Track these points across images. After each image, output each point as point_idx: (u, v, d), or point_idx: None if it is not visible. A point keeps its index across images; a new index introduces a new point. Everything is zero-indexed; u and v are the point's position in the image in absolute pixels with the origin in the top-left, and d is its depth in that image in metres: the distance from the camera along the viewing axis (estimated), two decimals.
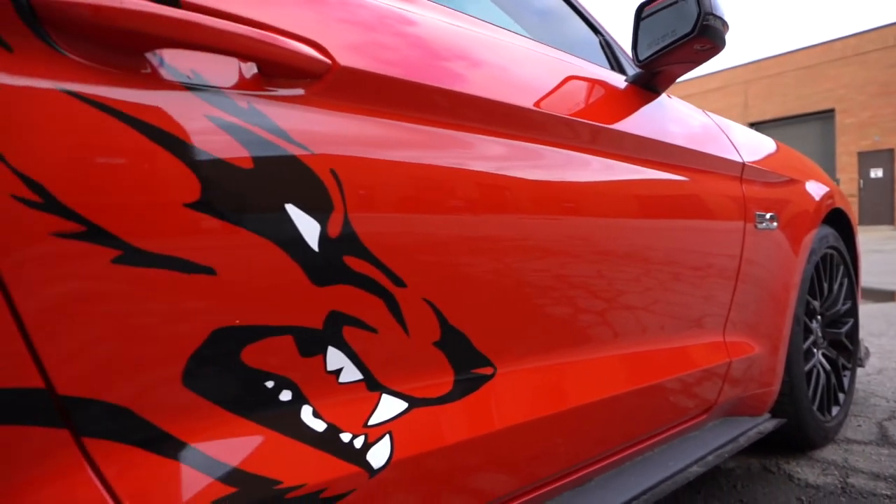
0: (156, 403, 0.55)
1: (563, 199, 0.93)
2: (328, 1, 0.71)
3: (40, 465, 0.49)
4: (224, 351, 0.59)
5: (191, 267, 0.56)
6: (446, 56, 0.82)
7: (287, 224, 0.62)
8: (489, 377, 0.84)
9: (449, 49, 0.83)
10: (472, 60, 0.86)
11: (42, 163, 0.48)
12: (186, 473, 0.56)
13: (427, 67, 0.77)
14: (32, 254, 0.48)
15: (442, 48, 0.82)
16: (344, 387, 0.68)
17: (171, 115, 0.55)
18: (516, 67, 0.94)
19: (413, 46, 0.78)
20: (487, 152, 0.83)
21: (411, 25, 0.80)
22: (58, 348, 0.49)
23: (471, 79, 0.83)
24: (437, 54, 0.80)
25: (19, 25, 0.48)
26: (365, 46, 0.71)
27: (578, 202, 0.97)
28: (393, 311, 0.72)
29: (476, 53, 0.87)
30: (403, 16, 0.80)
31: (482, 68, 0.87)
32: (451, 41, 0.85)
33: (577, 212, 0.96)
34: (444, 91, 0.78)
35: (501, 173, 0.85)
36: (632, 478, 1.16)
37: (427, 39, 0.81)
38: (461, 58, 0.84)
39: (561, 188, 0.94)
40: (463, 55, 0.85)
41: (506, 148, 0.86)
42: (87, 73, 0.51)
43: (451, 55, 0.83)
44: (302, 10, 0.66)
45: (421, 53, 0.78)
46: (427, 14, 0.85)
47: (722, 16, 1.04)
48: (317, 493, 0.64)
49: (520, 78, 0.93)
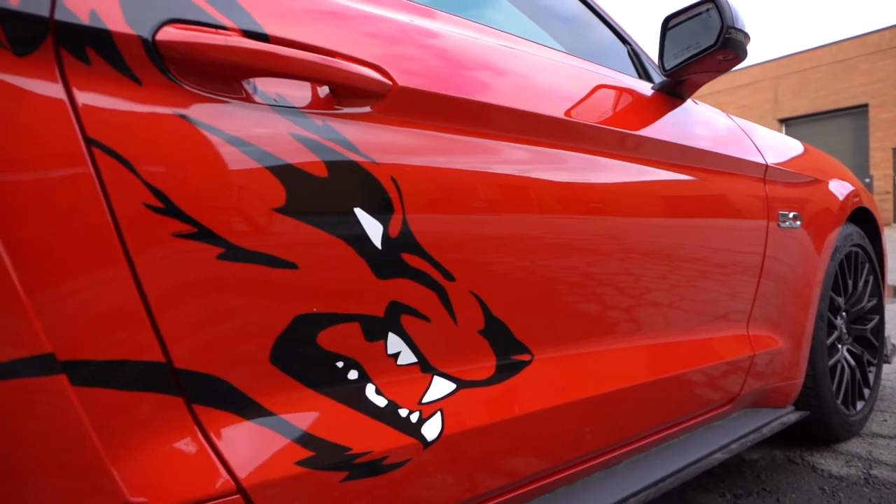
0: (248, 378, 0.65)
1: (596, 202, 1.02)
2: (388, 29, 0.80)
3: (161, 425, 0.59)
4: (303, 334, 0.68)
5: (278, 262, 0.65)
6: (491, 73, 0.91)
7: (355, 225, 0.71)
8: (527, 363, 0.93)
9: (493, 67, 0.92)
10: (514, 77, 0.95)
11: (163, 175, 0.58)
12: (274, 438, 0.66)
13: (474, 84, 0.86)
14: (158, 251, 0.58)
15: (487, 66, 0.91)
16: (401, 368, 0.78)
17: (262, 132, 0.65)
18: (554, 82, 1.03)
19: (461, 66, 0.87)
20: (528, 159, 0.92)
21: (459, 46, 0.89)
22: (175, 329, 0.59)
23: (513, 94, 0.92)
24: (482, 72, 0.89)
25: (147, 64, 0.58)
26: (419, 68, 0.80)
27: (610, 204, 1.05)
28: (444, 302, 0.81)
29: (518, 70, 0.96)
30: (452, 37, 0.89)
31: (523, 84, 0.95)
32: (495, 59, 0.94)
33: (609, 213, 1.04)
34: (490, 105, 0.87)
35: (541, 178, 0.93)
36: (658, 462, 1.24)
37: (473, 58, 0.90)
38: (505, 75, 0.93)
39: (595, 191, 1.02)
40: (506, 72, 0.94)
41: (544, 156, 0.95)
42: (196, 100, 0.61)
43: (495, 72, 0.92)
44: (366, 38, 0.76)
45: (468, 72, 0.87)
46: (473, 35, 0.94)
47: (743, 28, 1.11)
48: (380, 460, 0.74)
49: (557, 91, 1.01)
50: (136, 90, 0.58)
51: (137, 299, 0.57)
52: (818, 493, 1.58)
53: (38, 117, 0.52)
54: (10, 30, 0.51)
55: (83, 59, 0.55)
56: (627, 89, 1.21)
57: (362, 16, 0.79)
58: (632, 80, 1.27)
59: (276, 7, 0.69)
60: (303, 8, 0.72)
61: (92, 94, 0.55)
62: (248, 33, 0.65)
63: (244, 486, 0.62)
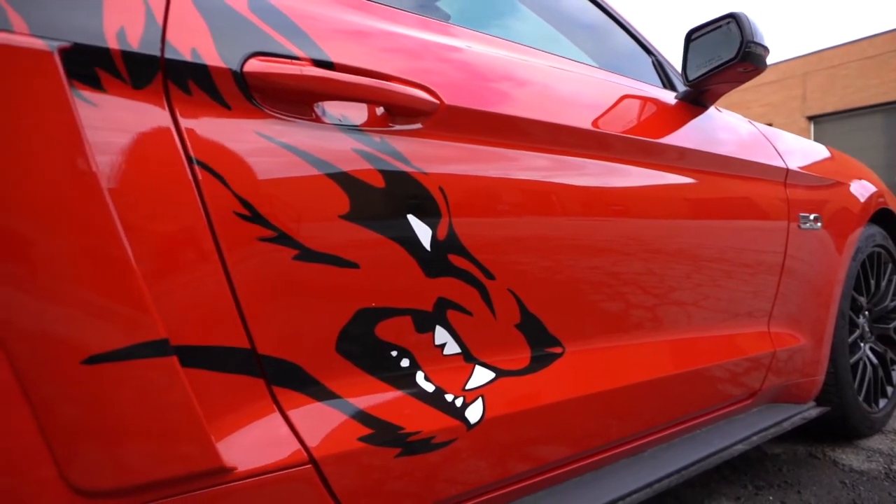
0: (318, 363, 0.75)
1: (623, 207, 1.09)
2: (435, 53, 0.89)
3: (247, 403, 0.69)
4: (363, 326, 0.78)
5: (343, 262, 0.75)
6: (528, 90, 0.99)
7: (408, 229, 0.80)
8: (559, 355, 1.01)
9: (530, 84, 1.01)
10: (549, 92, 1.03)
11: (249, 187, 0.68)
12: (339, 417, 0.75)
13: (512, 101, 0.95)
14: (245, 252, 0.67)
15: (524, 84, 0.99)
16: (447, 358, 0.87)
17: (329, 148, 0.74)
18: (587, 95, 1.11)
19: (500, 84, 0.95)
20: (561, 168, 1.00)
21: (498, 66, 0.98)
22: (258, 319, 0.69)
23: (548, 108, 1.00)
24: (520, 89, 0.98)
25: (235, 92, 0.68)
26: (463, 87, 0.89)
27: (637, 208, 1.12)
28: (484, 298, 0.89)
29: (553, 86, 1.05)
30: (492, 58, 0.98)
31: (557, 98, 1.04)
32: (531, 77, 1.02)
33: (636, 217, 1.12)
34: (526, 120, 0.95)
35: (574, 185, 1.02)
36: (681, 451, 1.31)
37: (511, 77, 0.98)
38: (540, 91, 1.01)
39: (623, 196, 1.10)
40: (542, 88, 1.02)
41: (577, 165, 1.03)
42: (275, 122, 0.71)
43: (531, 89, 1.00)
44: (417, 62, 0.85)
45: (507, 89, 0.95)
46: (511, 55, 1.03)
47: (763, 42, 1.18)
48: (429, 439, 0.82)
49: (589, 104, 1.09)
50: (226, 114, 0.67)
51: (228, 293, 0.67)
52: (838, 486, 1.63)
53: (151, 139, 0.62)
54: (130, 67, 0.61)
55: (185, 90, 0.65)
56: (653, 99, 1.28)
57: (412, 41, 0.88)
58: (657, 90, 1.34)
59: (338, 36, 0.78)
60: (361, 36, 0.81)
61: (191, 120, 0.65)
62: (317, 62, 0.74)
63: (315, 458, 0.72)
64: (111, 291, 0.57)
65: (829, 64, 19.38)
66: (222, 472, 0.64)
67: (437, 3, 1.37)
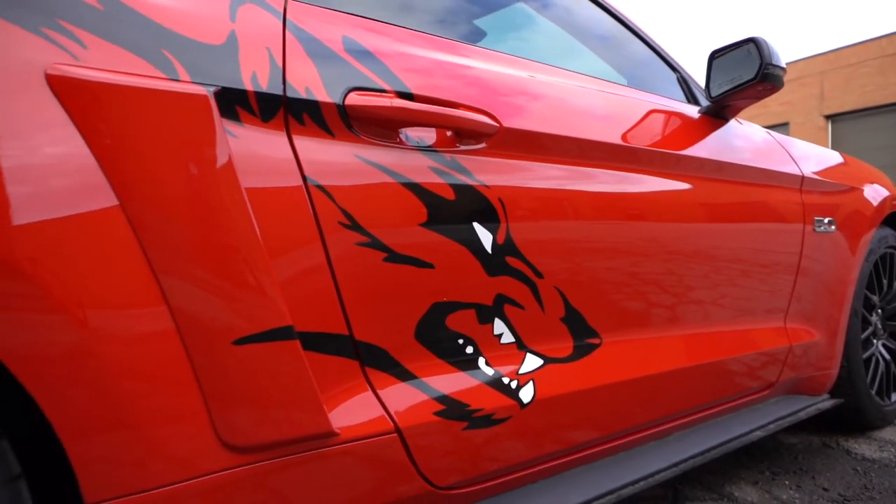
0: (400, 349, 0.88)
1: (656, 214, 1.22)
2: (495, 81, 1.03)
3: (347, 380, 0.83)
4: (436, 318, 0.91)
5: (422, 263, 0.88)
6: (574, 111, 1.13)
7: (473, 235, 0.94)
8: (597, 346, 1.14)
9: (575, 106, 1.14)
10: (590, 112, 1.16)
11: (349, 200, 0.82)
12: (418, 395, 0.89)
13: (560, 121, 1.08)
14: (346, 255, 0.81)
15: (570, 106, 1.13)
16: (504, 346, 1.00)
17: (411, 166, 0.88)
18: (622, 115, 1.24)
19: (549, 107, 1.09)
20: (600, 180, 1.13)
21: (548, 90, 1.11)
22: (355, 310, 0.83)
23: (589, 127, 1.13)
24: (567, 111, 1.11)
25: (338, 121, 0.82)
26: (519, 111, 1.02)
27: (667, 216, 1.25)
28: (535, 294, 1.03)
29: (593, 107, 1.18)
30: (541, 83, 1.12)
31: (597, 118, 1.17)
32: (576, 99, 1.15)
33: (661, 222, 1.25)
34: (570, 138, 1.08)
35: (612, 194, 1.15)
36: (703, 436, 1.43)
37: (559, 100, 1.12)
38: (584, 111, 1.15)
39: (655, 204, 1.23)
40: (585, 109, 1.15)
41: (612, 176, 1.16)
42: (368, 145, 0.84)
43: (576, 110, 1.13)
44: (479, 90, 0.99)
45: (555, 111, 1.09)
46: (557, 80, 1.16)
47: (780, 64, 1.30)
48: (490, 415, 0.96)
49: (624, 123, 1.23)
50: (331, 140, 0.81)
51: (333, 289, 0.80)
52: (851, 473, 1.75)
53: (276, 162, 0.76)
54: (261, 104, 0.75)
55: (300, 121, 0.79)
56: (679, 114, 1.41)
57: (475, 71, 1.01)
58: (682, 105, 1.47)
59: (414, 70, 0.92)
60: (434, 69, 0.95)
61: (305, 145, 0.79)
62: (400, 94, 0.88)
63: (400, 428, 0.86)
64: (254, 287, 0.71)
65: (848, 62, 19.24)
66: (331, 436, 0.78)
67: (475, 21, 1.51)
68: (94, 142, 0.62)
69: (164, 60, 0.69)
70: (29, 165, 0.59)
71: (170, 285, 0.66)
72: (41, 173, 0.60)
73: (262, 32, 0.79)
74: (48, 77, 0.61)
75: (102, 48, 0.65)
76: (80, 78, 0.62)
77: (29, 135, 0.59)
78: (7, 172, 0.57)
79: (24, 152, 0.59)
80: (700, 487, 1.65)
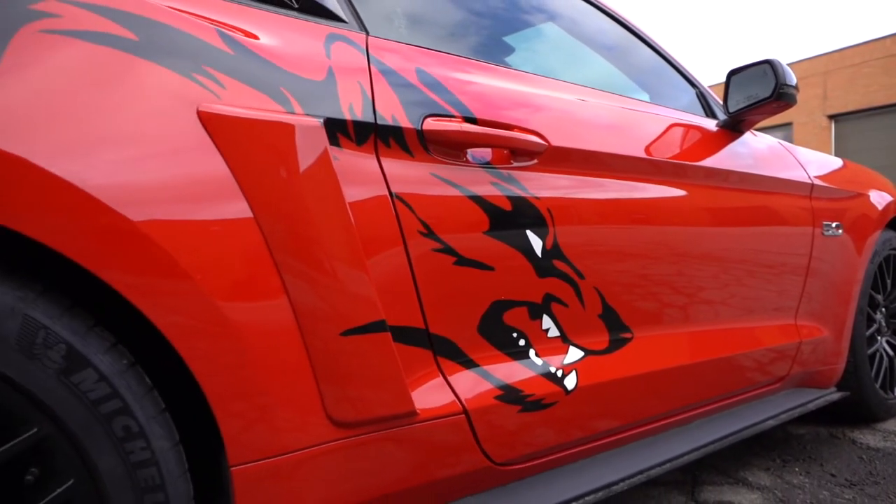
0: (466, 341, 1.01)
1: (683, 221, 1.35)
2: (544, 105, 1.16)
3: (422, 367, 0.95)
4: (495, 314, 1.04)
5: (484, 266, 1.01)
6: (611, 130, 1.26)
7: (526, 241, 1.07)
8: (630, 340, 1.27)
9: (612, 125, 1.27)
10: (625, 130, 1.29)
11: (426, 211, 0.94)
12: (481, 382, 1.02)
13: (600, 139, 1.21)
14: (423, 259, 0.94)
15: (609, 125, 1.26)
16: (551, 339, 1.13)
17: (475, 181, 1.01)
18: (651, 132, 1.37)
19: (590, 126, 1.22)
20: (634, 190, 1.26)
21: (589, 111, 1.24)
22: (430, 306, 0.96)
23: (624, 143, 1.26)
24: (605, 129, 1.24)
25: (417, 144, 0.95)
26: (564, 131, 1.15)
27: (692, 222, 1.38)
28: (577, 294, 1.16)
29: (627, 124, 1.31)
30: (583, 105, 1.25)
31: (631, 135, 1.30)
32: (612, 119, 1.28)
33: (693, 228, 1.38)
34: (609, 154, 1.21)
35: (643, 202, 1.27)
36: (721, 424, 1.56)
37: (597, 119, 1.25)
38: (619, 129, 1.28)
39: (682, 212, 1.36)
40: (620, 127, 1.28)
41: (644, 188, 1.29)
42: (440, 164, 0.97)
43: (614, 129, 1.26)
44: (531, 113, 1.11)
45: (594, 130, 1.22)
46: (597, 101, 1.29)
47: (794, 84, 1.43)
48: (540, 400, 1.09)
49: (654, 139, 1.35)
50: (410, 160, 0.94)
51: (413, 288, 0.93)
52: (856, 460, 1.87)
53: (368, 180, 0.89)
54: (356, 131, 0.88)
55: (387, 144, 0.91)
56: (700, 128, 1.53)
57: (525, 95, 1.14)
58: (702, 119, 1.60)
59: (477, 97, 1.05)
60: (492, 95, 1.08)
61: (390, 165, 0.92)
62: (466, 119, 1.01)
63: (467, 409, 0.99)
64: (356, 285, 0.84)
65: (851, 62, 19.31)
66: (413, 415, 0.91)
67: (504, 38, 1.63)
68: (233, 164, 0.75)
69: (282, 96, 0.82)
70: (185, 181, 0.72)
71: (291, 283, 0.79)
72: (195, 188, 0.73)
73: (353, 67, 0.92)
74: (199, 113, 0.74)
75: (236, 87, 0.78)
76: (222, 114, 0.75)
77: (186, 158, 0.72)
78: (170, 186, 0.70)
79: (182, 170, 0.72)
80: (716, 473, 1.78)
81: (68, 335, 0.62)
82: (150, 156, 0.70)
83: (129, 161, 0.68)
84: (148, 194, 0.68)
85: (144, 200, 0.68)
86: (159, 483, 0.67)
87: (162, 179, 0.70)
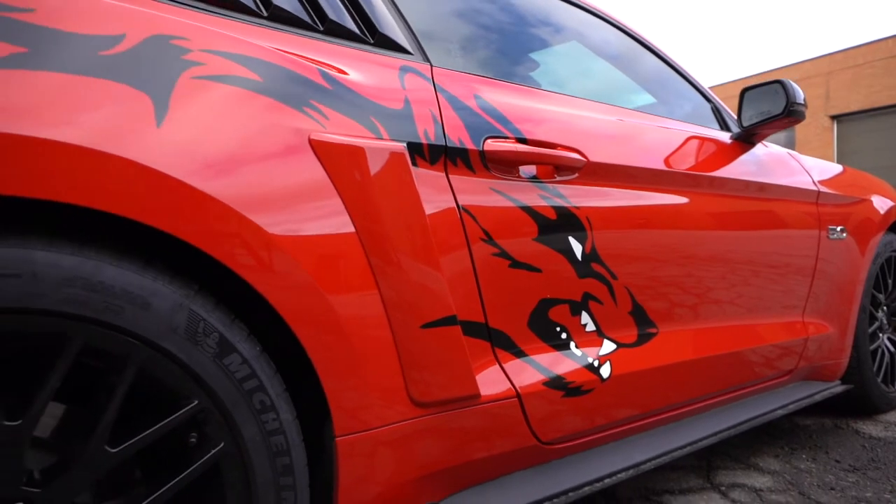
0: (517, 334, 1.15)
1: (702, 227, 1.49)
2: (583, 125, 1.30)
3: (482, 357, 1.10)
4: (543, 311, 1.18)
5: (533, 268, 1.16)
6: (640, 146, 1.40)
7: (568, 246, 1.21)
8: (655, 334, 1.42)
9: (641, 141, 1.41)
10: (652, 146, 1.44)
11: (486, 220, 1.09)
12: (530, 370, 1.16)
13: (631, 154, 1.35)
14: (484, 262, 1.08)
15: (638, 141, 1.40)
16: (588, 333, 1.27)
17: (526, 194, 1.15)
18: (675, 146, 1.51)
19: (624, 143, 1.36)
20: (661, 200, 1.41)
21: (621, 129, 1.39)
22: (489, 303, 1.10)
23: (652, 158, 1.41)
24: (636, 145, 1.38)
25: (478, 162, 1.09)
26: (601, 148, 1.29)
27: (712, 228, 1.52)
28: (611, 292, 1.30)
29: (654, 141, 1.45)
30: (616, 124, 1.39)
31: (657, 150, 1.44)
32: (643, 136, 1.43)
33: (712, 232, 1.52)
34: (638, 168, 1.36)
35: (668, 209, 1.42)
36: (735, 412, 1.70)
37: (629, 136, 1.39)
38: (647, 145, 1.42)
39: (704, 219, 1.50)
40: (648, 143, 1.43)
41: (669, 197, 1.43)
42: (497, 179, 1.12)
43: (642, 145, 1.41)
44: (572, 133, 1.26)
45: (626, 146, 1.36)
46: (629, 119, 1.43)
47: (803, 102, 1.57)
48: (580, 387, 1.23)
49: (677, 153, 1.50)
50: (473, 176, 1.09)
51: (475, 288, 1.08)
52: (859, 449, 2.02)
53: (439, 194, 1.03)
54: (430, 152, 1.02)
55: (454, 163, 1.06)
56: (716, 141, 1.68)
57: (567, 116, 1.29)
58: (717, 132, 1.74)
59: (525, 119, 1.19)
60: (538, 117, 1.22)
61: (457, 181, 1.06)
62: (518, 139, 1.15)
63: (520, 393, 1.13)
64: (433, 285, 0.98)
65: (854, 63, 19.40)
66: (477, 397, 1.06)
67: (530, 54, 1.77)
68: (338, 183, 0.90)
69: (372, 124, 0.96)
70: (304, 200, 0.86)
71: (382, 282, 0.93)
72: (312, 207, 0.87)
73: (424, 96, 1.07)
74: (311, 141, 0.88)
75: (336, 118, 0.93)
76: (328, 141, 0.89)
77: (302, 179, 0.87)
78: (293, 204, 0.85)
79: (301, 190, 0.86)
80: (729, 459, 1.92)
81: (220, 325, 0.77)
82: (277, 178, 0.84)
83: (262, 183, 0.82)
84: (278, 212, 0.82)
85: (277, 217, 0.82)
86: (286, 448, 0.81)
87: (286, 198, 0.84)
